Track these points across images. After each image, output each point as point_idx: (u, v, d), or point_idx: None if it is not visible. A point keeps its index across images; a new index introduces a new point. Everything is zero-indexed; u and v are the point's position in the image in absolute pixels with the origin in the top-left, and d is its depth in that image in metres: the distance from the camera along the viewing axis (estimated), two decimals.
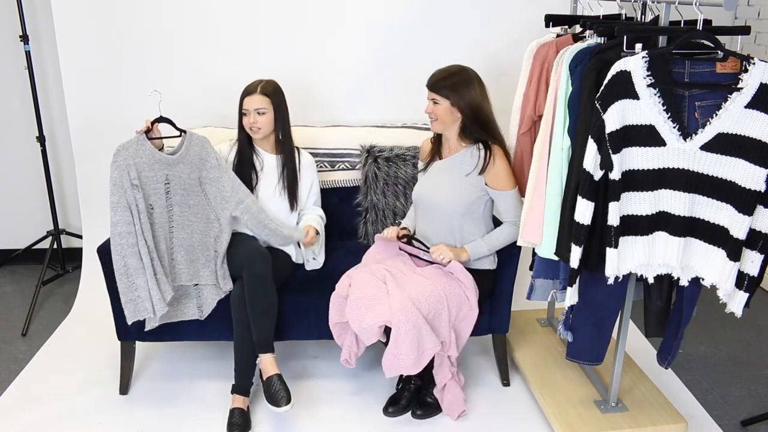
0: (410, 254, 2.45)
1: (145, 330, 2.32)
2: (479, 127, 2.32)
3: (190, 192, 2.34)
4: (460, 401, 2.34)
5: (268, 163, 2.58)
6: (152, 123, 2.35)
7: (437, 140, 2.47)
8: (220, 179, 2.37)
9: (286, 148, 2.58)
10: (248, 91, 2.49)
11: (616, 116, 1.75)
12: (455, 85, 2.28)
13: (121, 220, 2.19)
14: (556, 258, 2.09)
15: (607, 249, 1.86)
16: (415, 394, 2.41)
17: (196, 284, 2.40)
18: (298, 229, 2.54)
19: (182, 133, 2.39)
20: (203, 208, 2.36)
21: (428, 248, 2.38)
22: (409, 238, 2.45)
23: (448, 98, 2.28)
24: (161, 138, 2.38)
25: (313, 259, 2.62)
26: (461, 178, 2.34)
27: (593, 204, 1.83)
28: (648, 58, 1.72)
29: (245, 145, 2.55)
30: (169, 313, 2.35)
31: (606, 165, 1.79)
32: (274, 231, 2.45)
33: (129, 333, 2.44)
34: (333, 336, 2.36)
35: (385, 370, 2.18)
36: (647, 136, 1.77)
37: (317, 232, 2.56)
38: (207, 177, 2.36)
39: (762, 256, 1.75)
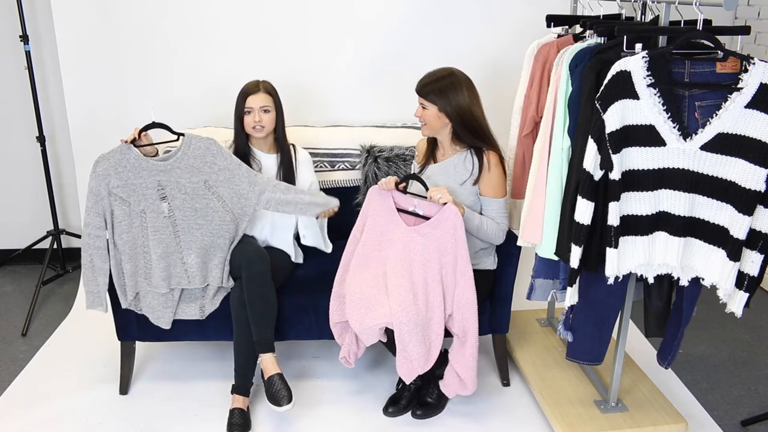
0: (403, 210, 2.32)
1: (122, 308, 2.36)
2: (469, 133, 2.31)
3: (194, 196, 2.33)
4: (456, 386, 2.28)
5: (265, 163, 2.58)
6: (142, 130, 2.33)
7: (432, 141, 2.46)
8: (233, 179, 2.36)
9: (282, 147, 2.58)
10: (250, 91, 2.48)
11: (616, 116, 1.75)
12: (443, 89, 2.25)
13: (92, 223, 2.30)
14: (556, 258, 2.09)
15: (607, 249, 1.86)
16: (415, 394, 2.41)
17: (206, 286, 2.40)
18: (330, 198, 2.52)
19: (179, 137, 2.38)
20: (214, 210, 2.35)
21: (421, 196, 2.29)
22: (411, 178, 2.34)
23: (436, 103, 2.27)
24: (152, 144, 2.37)
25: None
26: (456, 185, 2.34)
27: (593, 204, 1.83)
28: (648, 58, 1.72)
29: (242, 146, 2.55)
30: (167, 312, 2.36)
31: (606, 165, 1.79)
32: (309, 202, 2.44)
33: (129, 333, 2.44)
34: (333, 335, 2.36)
35: (403, 377, 2.17)
36: (647, 136, 1.77)
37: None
38: (217, 180, 2.34)
39: (762, 256, 1.75)
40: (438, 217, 2.22)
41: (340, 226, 2.83)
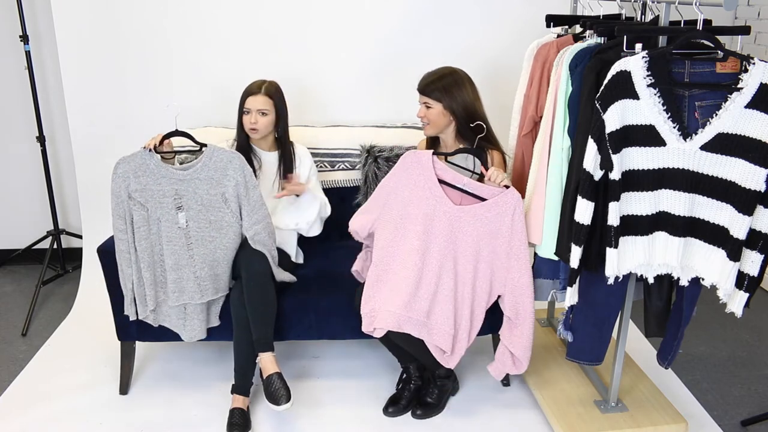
0: (446, 183, 2.21)
1: (138, 317, 2.34)
2: (473, 130, 2.30)
3: (210, 208, 2.31)
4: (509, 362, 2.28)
5: (266, 161, 2.58)
6: (164, 138, 2.32)
7: (433, 141, 2.45)
8: (247, 196, 2.34)
9: (284, 145, 2.58)
10: (251, 91, 2.48)
11: (616, 116, 1.75)
12: (447, 87, 2.25)
13: (116, 226, 2.29)
14: (556, 258, 2.09)
15: (607, 249, 1.86)
16: (415, 394, 2.41)
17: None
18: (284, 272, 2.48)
19: (202, 148, 2.36)
20: (229, 225, 2.33)
21: (474, 172, 2.25)
22: (467, 152, 2.24)
23: (441, 101, 2.26)
24: (173, 152, 2.37)
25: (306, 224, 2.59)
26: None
27: (593, 204, 1.83)
28: (648, 58, 1.72)
29: (243, 144, 2.55)
30: (180, 323, 2.37)
31: (606, 165, 1.79)
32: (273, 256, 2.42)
33: (129, 333, 2.44)
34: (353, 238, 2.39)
35: (445, 364, 2.22)
36: (647, 136, 1.77)
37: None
38: (233, 195, 2.32)
39: (762, 256, 1.75)
40: (497, 200, 2.15)
41: (340, 227, 2.83)
